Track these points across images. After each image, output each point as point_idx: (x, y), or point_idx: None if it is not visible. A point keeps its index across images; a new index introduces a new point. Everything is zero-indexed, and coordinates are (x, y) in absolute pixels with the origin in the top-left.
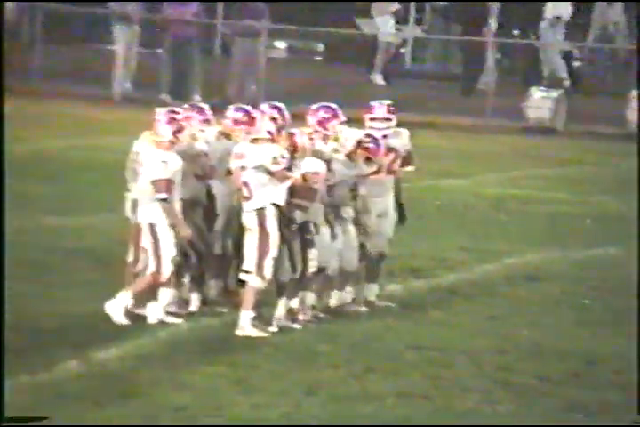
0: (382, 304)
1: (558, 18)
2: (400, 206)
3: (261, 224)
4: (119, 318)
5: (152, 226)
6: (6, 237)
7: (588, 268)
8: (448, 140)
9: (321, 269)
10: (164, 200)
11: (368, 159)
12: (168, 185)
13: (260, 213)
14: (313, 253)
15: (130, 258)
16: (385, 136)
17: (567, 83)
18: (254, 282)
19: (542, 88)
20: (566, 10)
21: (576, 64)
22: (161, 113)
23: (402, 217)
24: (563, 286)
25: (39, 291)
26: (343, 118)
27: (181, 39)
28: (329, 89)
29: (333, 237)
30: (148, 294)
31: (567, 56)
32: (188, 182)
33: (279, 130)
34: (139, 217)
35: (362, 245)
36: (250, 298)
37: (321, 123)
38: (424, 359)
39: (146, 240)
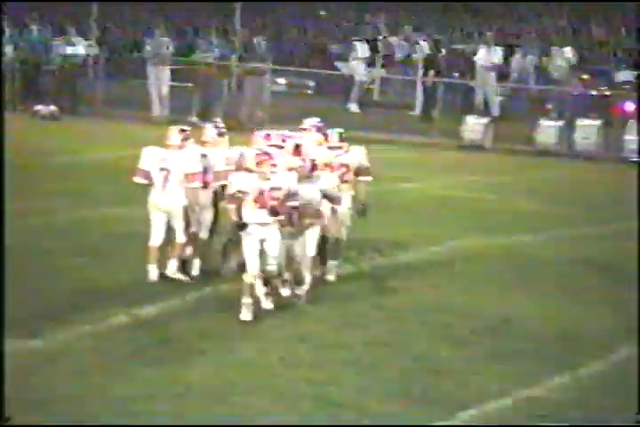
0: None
1: (494, 65)
2: (362, 205)
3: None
4: (177, 276)
5: (186, 208)
6: (70, 225)
7: (510, 250)
8: (405, 154)
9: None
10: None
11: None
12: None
13: None
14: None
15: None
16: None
17: (496, 112)
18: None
19: (475, 116)
20: (499, 58)
21: (500, 98)
22: (175, 129)
23: (364, 212)
24: (490, 264)
25: (96, 264)
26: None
27: (207, 76)
28: (316, 114)
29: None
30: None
31: (495, 92)
32: None
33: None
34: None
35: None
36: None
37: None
38: (385, 317)
39: (179, 219)
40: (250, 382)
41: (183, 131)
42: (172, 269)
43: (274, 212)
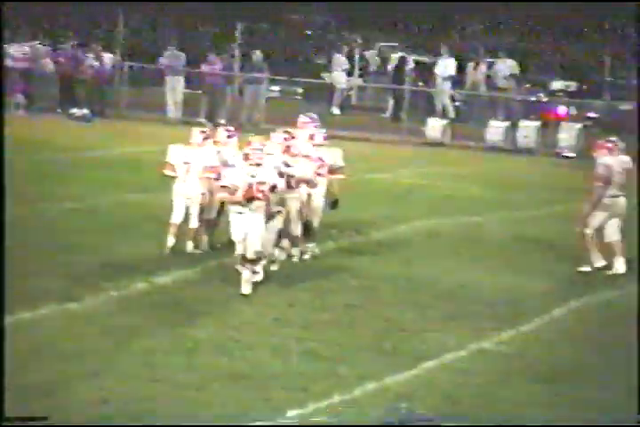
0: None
1: (450, 75)
2: (334, 198)
3: None
4: (193, 251)
5: (204, 195)
6: (99, 208)
7: (464, 229)
8: (377, 149)
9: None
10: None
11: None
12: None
13: None
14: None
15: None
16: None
17: (452, 115)
18: None
19: (436, 118)
20: (454, 70)
21: (457, 103)
22: (197, 130)
23: (335, 205)
24: (448, 240)
25: (121, 241)
26: None
27: (213, 84)
28: None
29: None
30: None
31: (452, 98)
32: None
33: None
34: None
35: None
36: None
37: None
38: (362, 285)
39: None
40: (248, 340)
41: (203, 132)
42: (189, 247)
43: (250, 198)
